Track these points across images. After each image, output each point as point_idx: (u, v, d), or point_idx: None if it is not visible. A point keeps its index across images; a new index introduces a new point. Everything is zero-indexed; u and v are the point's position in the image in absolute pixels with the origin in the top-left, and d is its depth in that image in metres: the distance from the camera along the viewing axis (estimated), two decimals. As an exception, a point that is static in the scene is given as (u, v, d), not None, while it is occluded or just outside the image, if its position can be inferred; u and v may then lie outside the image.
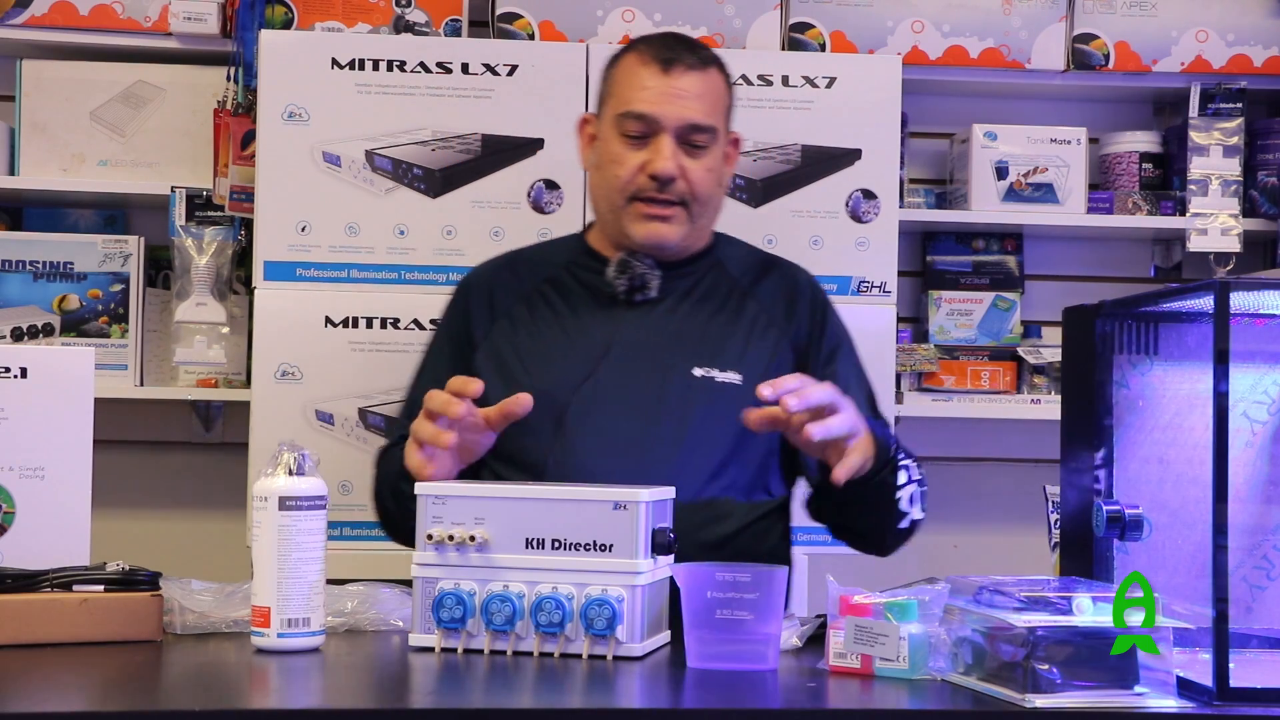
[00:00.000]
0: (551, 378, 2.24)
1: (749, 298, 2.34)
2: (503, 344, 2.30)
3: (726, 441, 2.21)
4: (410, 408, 2.24)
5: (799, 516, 2.32)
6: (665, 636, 1.89)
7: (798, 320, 2.34)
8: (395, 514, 2.20)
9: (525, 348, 2.29)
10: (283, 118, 2.82)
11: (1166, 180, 3.41)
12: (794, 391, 1.94)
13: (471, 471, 2.18)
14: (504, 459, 2.20)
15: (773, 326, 2.32)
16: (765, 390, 1.95)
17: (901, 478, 2.14)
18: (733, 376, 2.25)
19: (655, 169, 2.23)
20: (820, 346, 2.33)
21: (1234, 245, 3.31)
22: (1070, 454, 1.95)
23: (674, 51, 2.27)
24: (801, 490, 2.33)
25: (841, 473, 1.99)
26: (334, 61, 2.84)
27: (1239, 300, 1.67)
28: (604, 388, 2.23)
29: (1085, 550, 1.88)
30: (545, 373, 2.25)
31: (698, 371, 2.24)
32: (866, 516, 2.19)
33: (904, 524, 2.18)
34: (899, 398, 3.19)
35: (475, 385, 2.02)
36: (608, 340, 2.26)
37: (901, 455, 2.16)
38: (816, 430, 1.95)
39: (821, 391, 1.97)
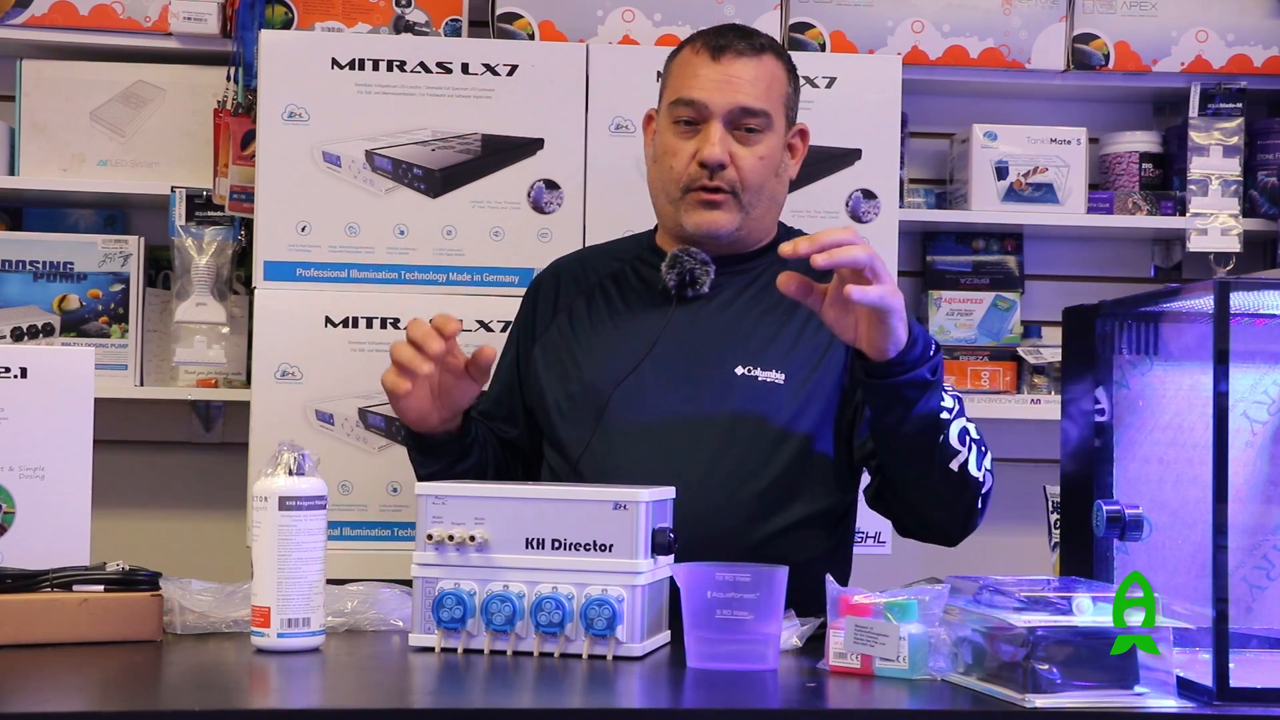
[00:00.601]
0: (598, 371, 2.25)
1: None
2: (558, 338, 2.32)
3: (766, 442, 2.18)
4: (481, 400, 2.26)
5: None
6: (665, 636, 1.89)
7: None
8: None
9: (578, 342, 2.30)
10: (283, 118, 2.82)
11: (1166, 180, 3.40)
12: (828, 249, 1.85)
13: (527, 460, 2.29)
14: (554, 445, 2.26)
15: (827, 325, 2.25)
16: (802, 245, 1.85)
17: (948, 401, 2.02)
18: (775, 376, 2.20)
19: (703, 155, 2.21)
20: None
21: (1234, 245, 3.31)
22: (1070, 454, 1.95)
23: (725, 39, 2.26)
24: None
25: (857, 292, 1.85)
26: (334, 61, 2.84)
27: (1239, 300, 1.67)
28: (644, 383, 2.22)
29: (1085, 550, 1.88)
30: (593, 366, 2.26)
31: (739, 370, 2.21)
32: (913, 448, 2.04)
33: (954, 464, 2.03)
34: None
35: (454, 324, 2.04)
36: (655, 336, 2.24)
37: (950, 389, 2.06)
38: (855, 292, 1.85)
39: (858, 251, 1.85)
